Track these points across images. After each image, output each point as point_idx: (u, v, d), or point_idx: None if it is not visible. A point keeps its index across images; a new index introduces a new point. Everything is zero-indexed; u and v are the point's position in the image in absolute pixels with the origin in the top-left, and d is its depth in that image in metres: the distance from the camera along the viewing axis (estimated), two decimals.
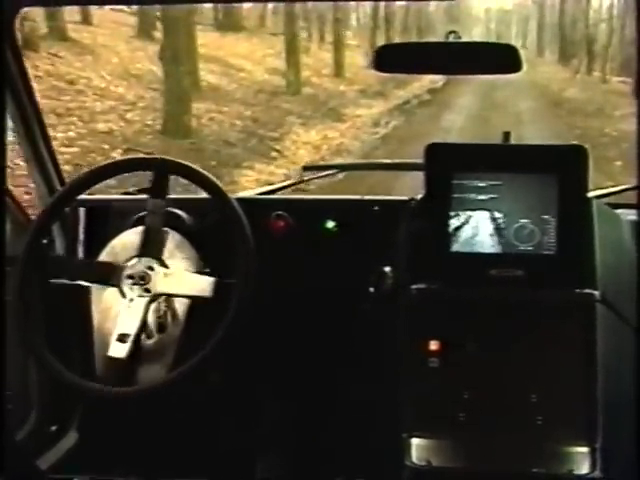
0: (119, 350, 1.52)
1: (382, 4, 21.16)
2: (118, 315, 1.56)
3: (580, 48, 22.39)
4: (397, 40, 22.44)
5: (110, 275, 1.58)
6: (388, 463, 1.55)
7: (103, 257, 1.68)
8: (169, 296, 1.60)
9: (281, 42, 13.62)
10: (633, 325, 1.50)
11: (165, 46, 7.92)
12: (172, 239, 1.66)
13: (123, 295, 1.56)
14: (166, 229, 1.64)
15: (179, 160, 1.64)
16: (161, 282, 1.56)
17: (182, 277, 1.59)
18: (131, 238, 1.66)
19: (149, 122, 8.03)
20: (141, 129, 7.49)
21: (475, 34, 42.70)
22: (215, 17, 19.14)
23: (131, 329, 1.53)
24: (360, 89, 14.34)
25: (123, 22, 13.87)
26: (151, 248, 1.59)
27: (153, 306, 1.58)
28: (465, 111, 12.40)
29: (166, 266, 1.58)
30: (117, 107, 8.11)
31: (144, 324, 1.56)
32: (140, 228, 1.64)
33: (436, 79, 16.49)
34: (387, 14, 22.30)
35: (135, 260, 1.58)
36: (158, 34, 12.08)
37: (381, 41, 19.51)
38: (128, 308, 1.55)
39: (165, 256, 1.61)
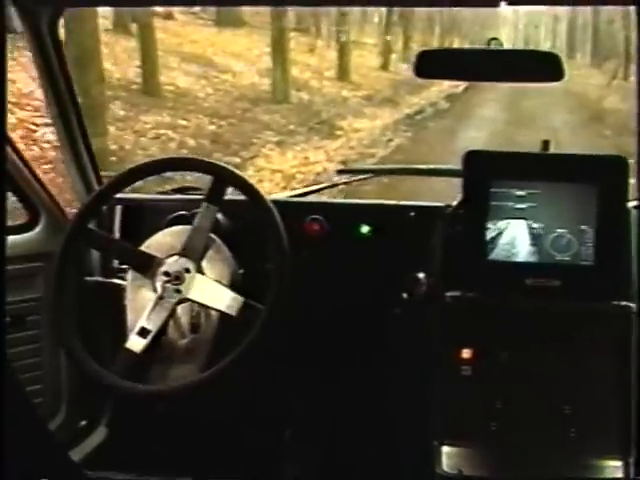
0: (136, 343, 1.56)
1: None
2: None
3: (617, 50, 20.69)
4: (417, 39, 21.16)
5: (148, 266, 1.61)
6: (418, 470, 1.58)
7: None
8: (196, 303, 1.60)
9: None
10: None
11: (68, 45, 5.67)
12: (214, 246, 1.65)
13: (154, 290, 1.60)
14: (213, 236, 1.65)
15: (208, 159, 1.68)
16: (193, 287, 1.59)
17: (213, 288, 1.60)
18: (167, 238, 1.68)
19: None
20: (42, 154, 5.47)
21: (503, 34, 41.39)
22: (217, 11, 17.66)
23: (154, 326, 1.57)
24: (366, 95, 12.59)
25: (101, 14, 12.09)
26: (193, 250, 1.61)
27: (186, 306, 1.61)
28: (488, 126, 10.54)
29: (202, 272, 1.61)
30: (28, 120, 6.14)
31: (166, 324, 1.59)
32: (177, 228, 1.68)
33: (456, 83, 14.80)
34: (405, 10, 20.35)
35: (175, 258, 1.60)
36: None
37: (398, 40, 17.90)
38: (156, 304, 1.58)
39: (204, 262, 1.62)
